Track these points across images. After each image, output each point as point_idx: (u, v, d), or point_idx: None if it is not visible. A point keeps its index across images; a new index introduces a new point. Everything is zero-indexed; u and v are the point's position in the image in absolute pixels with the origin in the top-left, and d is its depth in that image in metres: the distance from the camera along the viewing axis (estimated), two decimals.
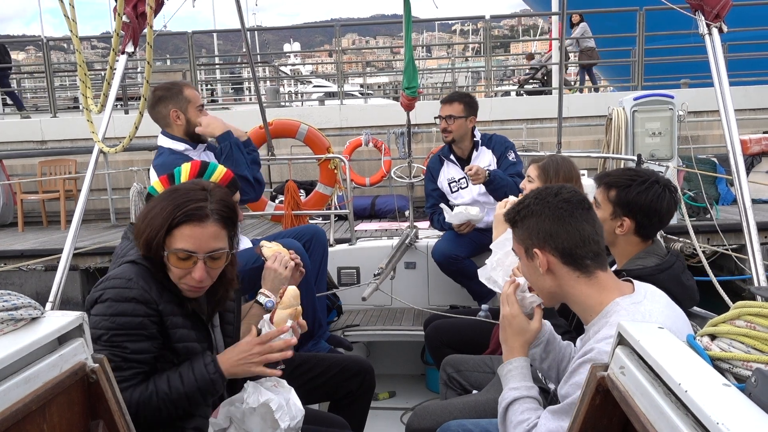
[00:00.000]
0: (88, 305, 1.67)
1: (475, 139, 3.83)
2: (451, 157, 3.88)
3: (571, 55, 12.67)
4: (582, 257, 1.54)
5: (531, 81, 13.44)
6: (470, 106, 3.77)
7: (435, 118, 3.84)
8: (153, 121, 3.04)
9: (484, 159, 3.80)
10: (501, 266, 2.11)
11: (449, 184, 3.88)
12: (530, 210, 1.60)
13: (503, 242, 2.12)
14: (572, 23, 12.50)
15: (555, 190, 1.61)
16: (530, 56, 16.28)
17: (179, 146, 2.96)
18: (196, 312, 1.78)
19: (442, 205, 3.77)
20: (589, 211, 1.58)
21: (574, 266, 1.55)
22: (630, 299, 1.53)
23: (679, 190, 2.31)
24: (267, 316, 1.86)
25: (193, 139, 3.02)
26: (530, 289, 1.71)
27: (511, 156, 3.80)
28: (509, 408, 1.63)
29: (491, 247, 2.23)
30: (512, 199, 2.73)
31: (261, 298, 2.10)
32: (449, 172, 3.89)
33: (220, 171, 2.27)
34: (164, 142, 3.03)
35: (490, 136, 3.90)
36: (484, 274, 2.19)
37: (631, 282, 1.61)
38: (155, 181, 2.25)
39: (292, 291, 1.87)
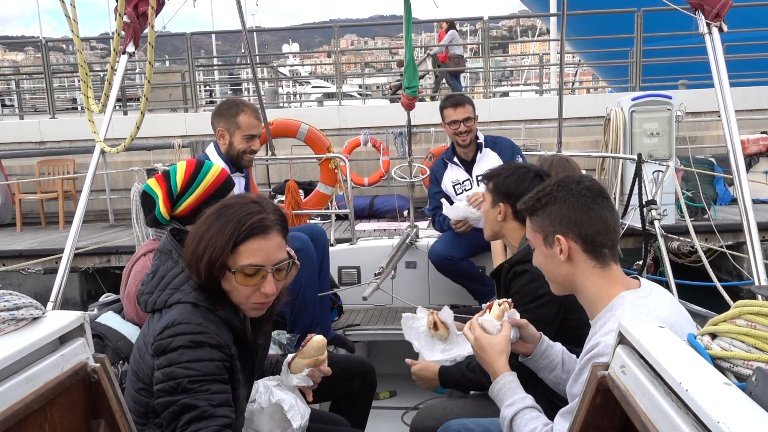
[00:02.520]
0: (155, 353, 1.54)
1: (478, 141, 3.81)
2: (455, 159, 3.86)
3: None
4: (602, 245, 1.56)
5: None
6: (474, 106, 3.77)
7: (448, 123, 3.76)
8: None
9: (489, 161, 3.76)
10: (423, 350, 2.09)
11: (453, 186, 3.86)
12: (553, 197, 1.59)
13: (409, 331, 2.10)
14: (445, 29, 12.74)
15: (576, 178, 1.62)
16: (400, 63, 16.53)
17: (220, 164, 2.96)
18: (246, 340, 1.70)
19: (443, 200, 3.76)
20: (608, 200, 1.60)
21: (592, 254, 1.56)
22: (636, 293, 1.54)
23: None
24: (287, 360, 1.84)
25: (233, 163, 3.04)
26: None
27: (521, 162, 3.79)
28: (513, 424, 1.62)
29: (407, 338, 2.16)
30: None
31: None
32: (453, 174, 3.87)
33: (215, 170, 2.29)
34: (210, 153, 3.05)
35: (494, 138, 3.88)
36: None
37: (638, 279, 1.62)
38: (150, 180, 2.27)
39: (316, 342, 1.83)
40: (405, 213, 7.26)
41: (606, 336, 1.45)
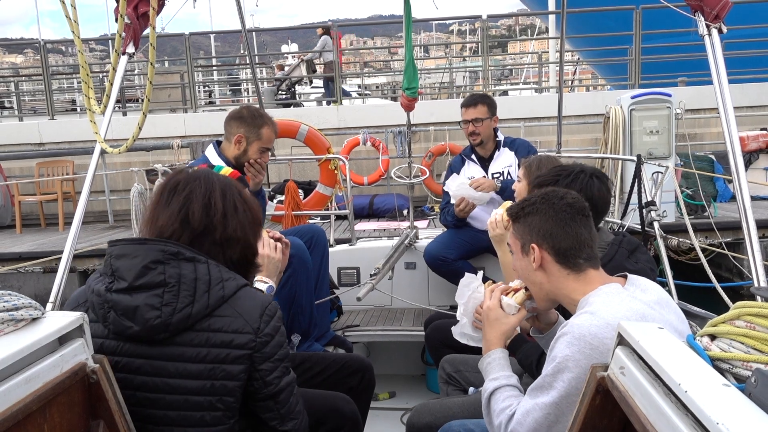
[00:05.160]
0: (260, 346, 1.53)
1: (497, 139, 3.85)
2: (473, 156, 3.90)
3: (318, 68, 13.75)
4: (576, 257, 1.61)
5: (279, 92, 13.82)
6: (492, 106, 3.78)
7: (459, 123, 3.81)
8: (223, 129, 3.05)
9: (505, 160, 3.81)
10: (467, 316, 2.04)
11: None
12: (536, 208, 1.66)
13: (463, 291, 2.06)
14: (319, 35, 12.94)
15: (561, 193, 1.68)
16: (280, 66, 16.63)
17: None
18: None
19: (449, 179, 3.76)
20: (588, 218, 1.65)
21: (565, 265, 1.62)
22: (613, 287, 1.57)
23: (608, 178, 2.36)
24: None
25: (236, 167, 2.98)
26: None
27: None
28: (491, 398, 1.67)
29: (456, 299, 2.09)
30: (498, 216, 2.68)
31: (261, 285, 2.09)
32: (470, 171, 3.90)
33: (225, 173, 2.31)
34: (210, 155, 3.00)
35: (513, 139, 3.93)
36: (457, 332, 2.08)
37: (626, 277, 1.64)
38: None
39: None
40: (404, 212, 7.26)
41: (576, 318, 1.48)
